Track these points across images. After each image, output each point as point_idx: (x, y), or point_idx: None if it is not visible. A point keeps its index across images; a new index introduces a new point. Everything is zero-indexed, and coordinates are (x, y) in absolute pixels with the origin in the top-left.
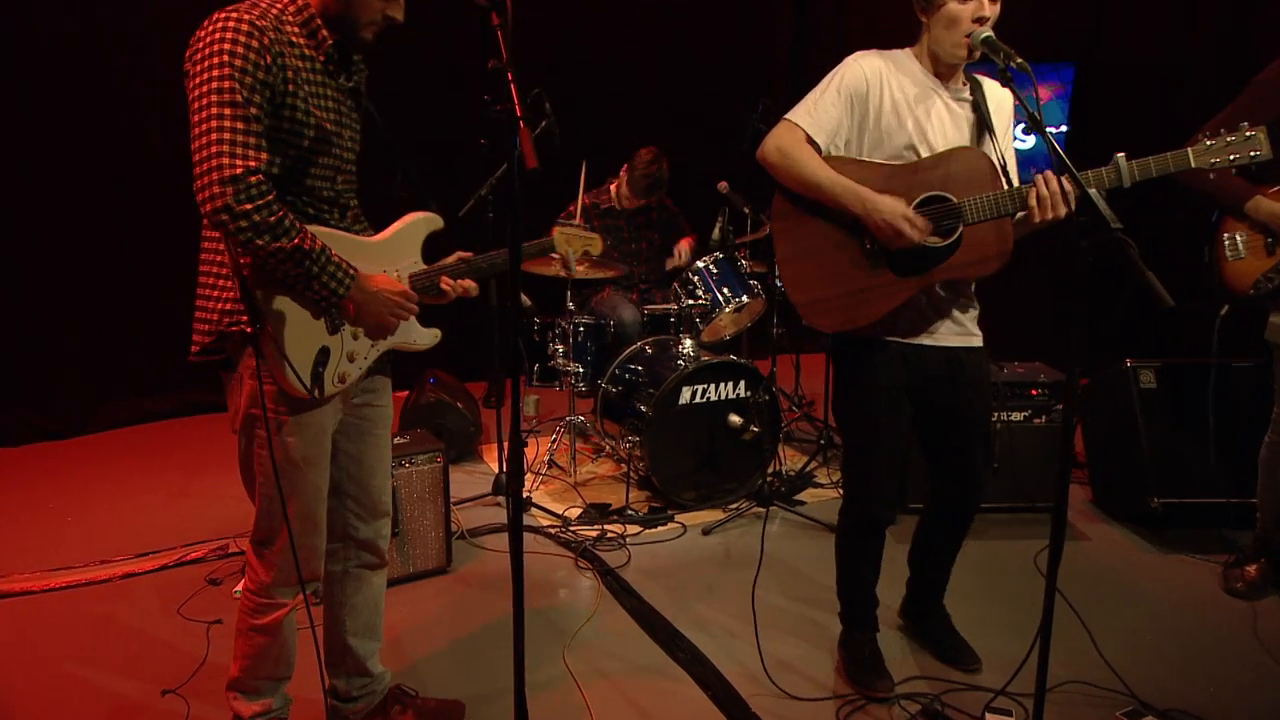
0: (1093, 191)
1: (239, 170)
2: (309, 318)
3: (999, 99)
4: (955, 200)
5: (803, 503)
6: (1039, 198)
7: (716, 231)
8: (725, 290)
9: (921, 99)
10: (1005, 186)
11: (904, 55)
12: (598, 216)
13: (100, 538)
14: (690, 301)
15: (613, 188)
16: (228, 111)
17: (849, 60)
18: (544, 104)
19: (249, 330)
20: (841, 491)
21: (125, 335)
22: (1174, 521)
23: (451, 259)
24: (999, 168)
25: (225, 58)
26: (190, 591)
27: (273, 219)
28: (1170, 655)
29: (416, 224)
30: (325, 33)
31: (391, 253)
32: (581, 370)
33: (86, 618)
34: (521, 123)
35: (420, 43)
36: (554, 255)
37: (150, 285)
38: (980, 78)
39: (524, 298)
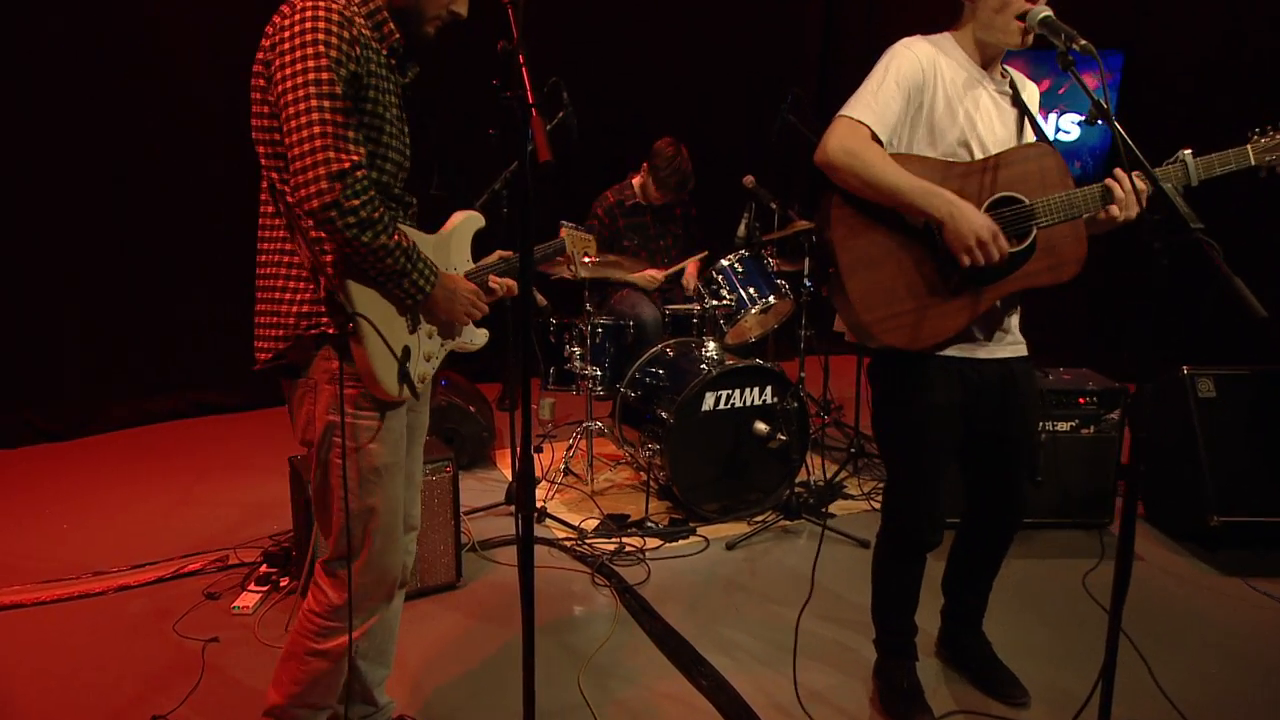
0: (1168, 187)
1: (346, 165)
2: (394, 315)
3: (1029, 92)
4: (1028, 202)
5: (832, 515)
6: (1117, 197)
7: (742, 228)
8: (751, 290)
9: (970, 89)
10: (1075, 186)
11: (948, 40)
12: (623, 214)
13: (95, 547)
14: (714, 302)
15: (636, 181)
16: (328, 104)
17: (899, 48)
18: (562, 93)
19: (331, 331)
20: (880, 508)
21: (127, 334)
22: (1233, 541)
23: (493, 257)
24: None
25: (321, 48)
26: (186, 607)
27: (377, 215)
28: (1241, 693)
29: (467, 222)
30: (391, 26)
31: (450, 251)
32: (599, 373)
33: (76, 634)
34: (534, 111)
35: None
36: (561, 258)
37: (151, 284)
38: (1010, 69)
39: (539, 297)
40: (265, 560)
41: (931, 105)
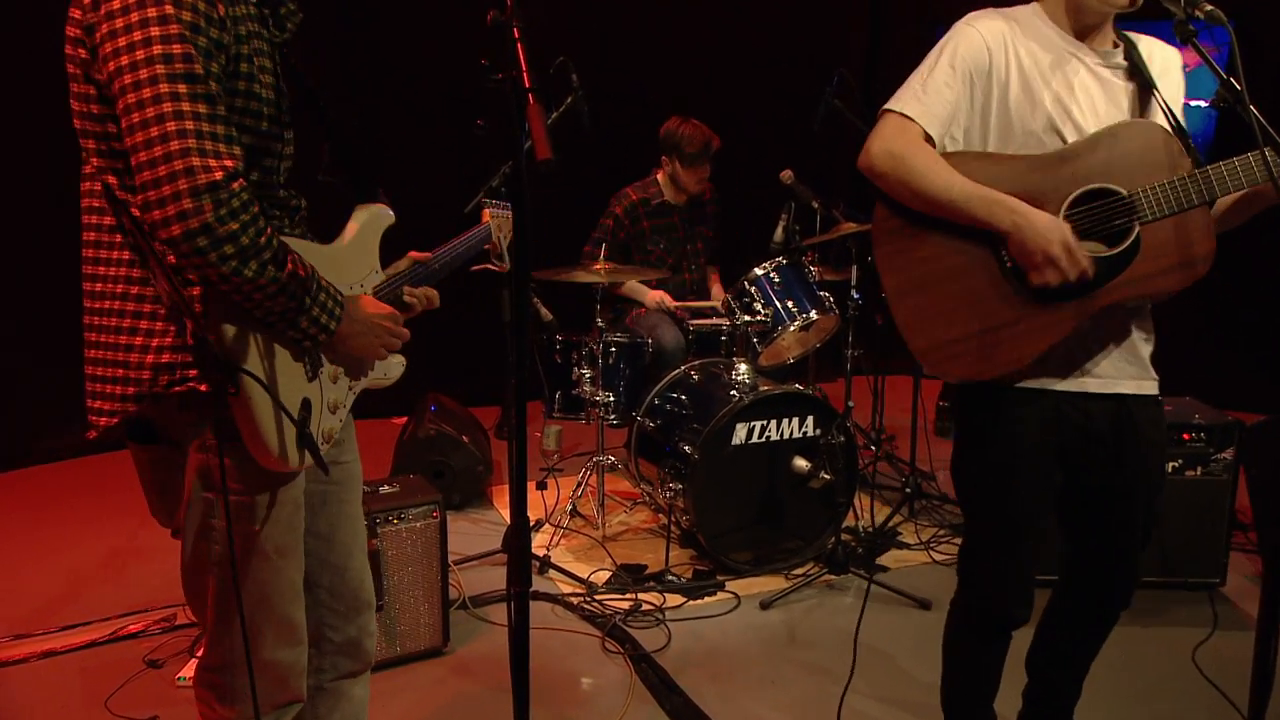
0: None
1: (218, 175)
2: (289, 361)
3: (1164, 60)
4: (1125, 193)
5: (885, 568)
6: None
7: (779, 232)
8: (789, 303)
9: (1059, 67)
10: (1192, 167)
11: (1029, 13)
12: (648, 214)
13: (17, 603)
14: (746, 317)
15: (660, 177)
16: (183, 88)
17: (960, 25)
18: (571, 75)
19: (203, 389)
20: (955, 569)
21: (71, 356)
22: None
23: (404, 262)
24: (1181, 142)
25: (168, 7)
26: (124, 677)
27: (262, 239)
28: None
29: (371, 221)
30: None
31: (354, 263)
32: (612, 399)
33: None
34: (532, 98)
35: None
36: (488, 246)
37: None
38: (1134, 35)
39: (544, 311)
40: None
41: (1004, 91)
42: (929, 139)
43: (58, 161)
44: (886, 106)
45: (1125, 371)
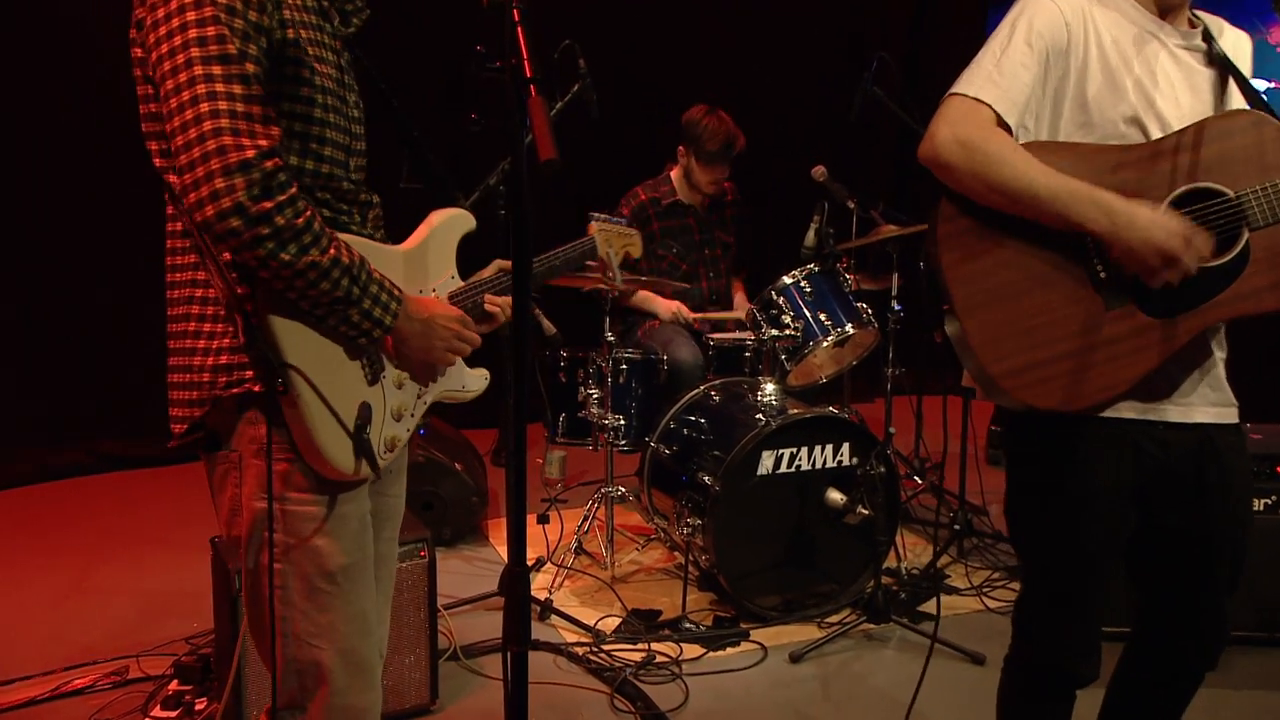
0: None
1: (249, 154)
2: (343, 361)
3: (1234, 42)
4: (1233, 194)
5: (930, 616)
6: None
7: (811, 235)
8: (822, 316)
9: (1140, 49)
10: None
11: None
12: (658, 216)
13: None
14: (774, 331)
15: (674, 174)
16: (218, 69)
17: None
18: (578, 61)
19: (257, 389)
20: (1011, 618)
21: (26, 375)
22: None
23: (490, 270)
24: None
25: None
26: None
27: (301, 220)
28: None
29: (448, 225)
30: None
31: (425, 265)
32: (623, 422)
33: None
34: (534, 89)
35: None
36: (593, 262)
37: (55, 318)
38: (1204, 15)
39: (547, 323)
40: (176, 674)
41: (1082, 73)
42: (1003, 126)
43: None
44: (954, 90)
45: (1207, 397)
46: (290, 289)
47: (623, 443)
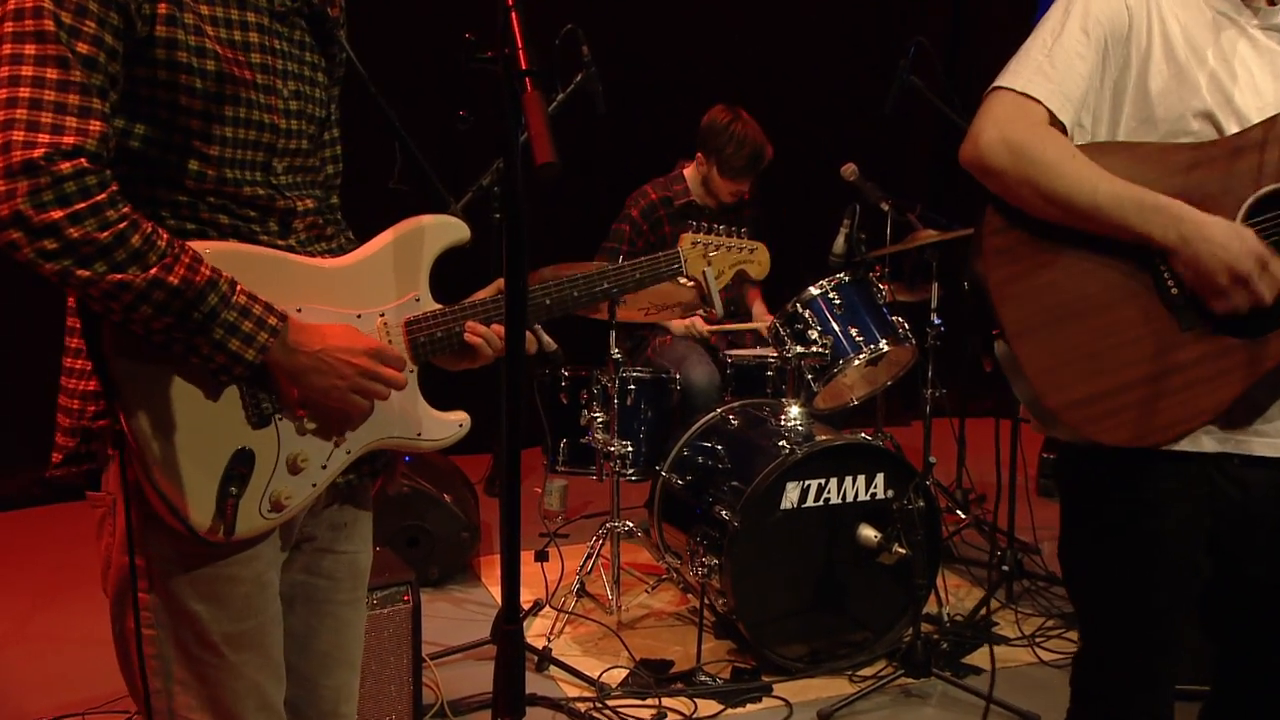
0: None
1: (38, 153)
2: (205, 399)
3: None
4: None
5: (977, 670)
6: None
7: (840, 241)
8: (853, 331)
9: (1214, 33)
10: None
11: None
12: (670, 218)
13: None
14: (799, 348)
15: (688, 173)
16: (30, 50)
17: None
18: (581, 47)
19: (120, 427)
20: (1070, 681)
21: None
22: None
23: (489, 291)
24: None
25: None
26: None
27: (106, 234)
28: None
29: (420, 235)
30: None
31: (369, 284)
32: (630, 449)
33: None
34: (530, 83)
35: None
36: (685, 281)
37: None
38: None
39: (546, 338)
40: None
41: (1144, 63)
42: (1056, 125)
43: None
44: (999, 83)
45: None
46: (108, 311)
47: (630, 472)
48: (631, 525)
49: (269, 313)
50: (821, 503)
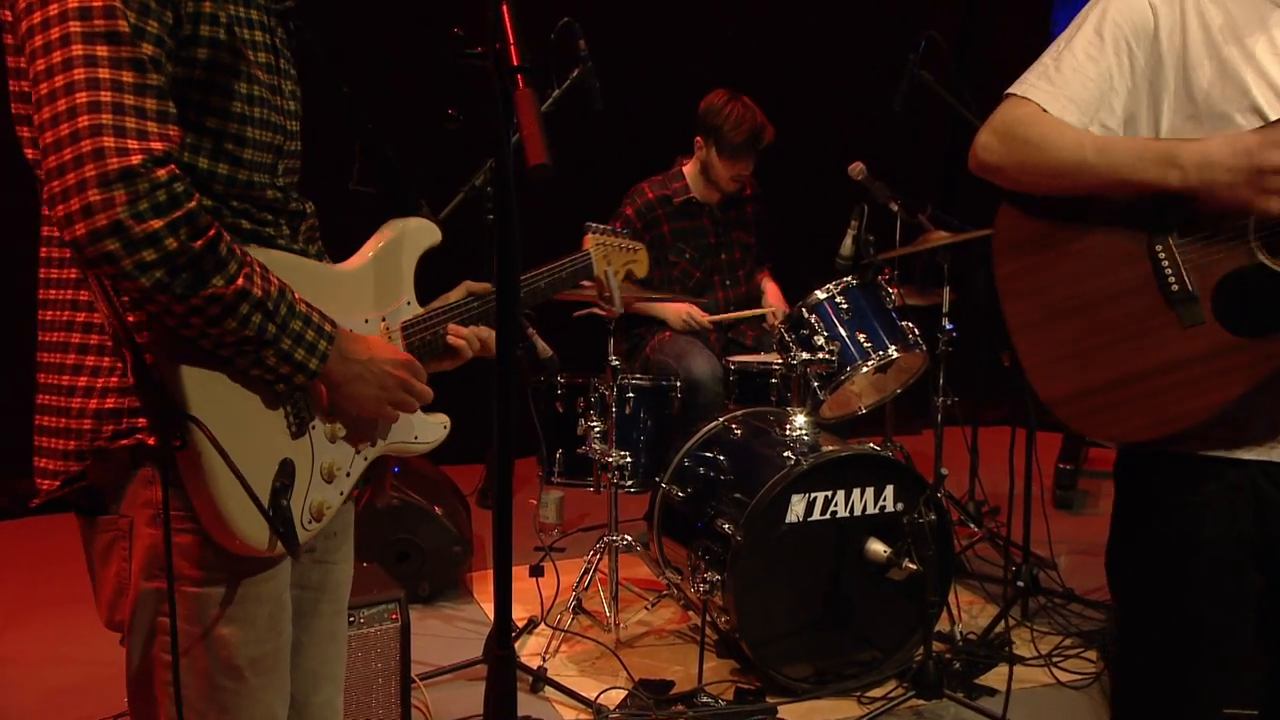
0: None
1: (135, 160)
2: (260, 409)
3: None
4: None
5: (991, 690)
6: None
7: (848, 243)
8: (861, 337)
9: (1255, 26)
10: None
11: None
12: (669, 217)
13: None
14: (805, 354)
15: (688, 169)
16: (103, 51)
17: None
18: (578, 41)
19: (153, 442)
20: (1110, 702)
21: None
22: None
23: (458, 293)
24: None
25: None
26: None
27: (199, 243)
28: None
29: (403, 239)
30: None
31: (373, 290)
32: (629, 459)
33: None
34: (521, 79)
35: None
36: (587, 283)
37: None
38: None
39: (542, 345)
40: None
41: (1181, 60)
42: None
43: None
44: (1009, 90)
45: None
46: (185, 326)
47: (629, 483)
48: (630, 539)
49: (324, 320)
50: (828, 516)
